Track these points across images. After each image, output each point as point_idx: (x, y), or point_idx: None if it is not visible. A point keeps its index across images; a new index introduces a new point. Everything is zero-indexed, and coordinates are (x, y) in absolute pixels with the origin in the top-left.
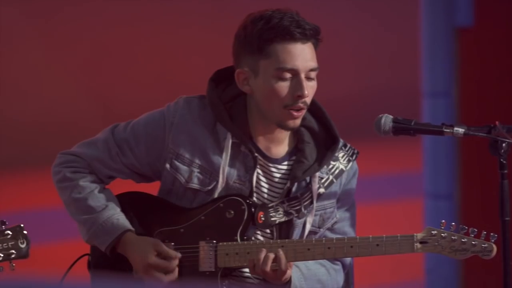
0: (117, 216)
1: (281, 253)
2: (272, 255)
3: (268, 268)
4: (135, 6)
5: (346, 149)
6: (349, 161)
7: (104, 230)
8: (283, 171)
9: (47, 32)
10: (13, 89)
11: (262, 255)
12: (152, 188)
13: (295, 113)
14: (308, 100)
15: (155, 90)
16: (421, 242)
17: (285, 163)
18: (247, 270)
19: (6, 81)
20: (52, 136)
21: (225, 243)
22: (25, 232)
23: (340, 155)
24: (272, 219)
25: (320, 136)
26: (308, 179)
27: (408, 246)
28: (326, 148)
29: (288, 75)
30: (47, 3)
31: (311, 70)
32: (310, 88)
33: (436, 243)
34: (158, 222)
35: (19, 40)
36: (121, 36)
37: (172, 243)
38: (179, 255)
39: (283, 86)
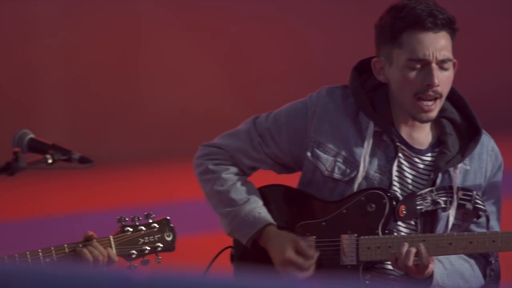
0: (259, 209)
1: (422, 247)
2: (414, 250)
3: (410, 262)
4: (275, 1)
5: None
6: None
7: (246, 223)
8: (427, 162)
9: (190, 25)
10: (157, 82)
11: (404, 249)
12: (292, 180)
13: (425, 107)
14: (441, 90)
15: (296, 82)
16: None
17: (429, 154)
18: (389, 263)
19: (150, 75)
20: (194, 128)
21: (366, 237)
22: (171, 225)
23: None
24: (418, 207)
25: (462, 127)
26: (451, 170)
27: None
28: (469, 139)
29: (418, 65)
30: None
31: (443, 60)
32: (445, 78)
33: None
34: (300, 215)
35: (163, 34)
36: (261, 29)
37: (314, 236)
38: (316, 255)
39: (414, 76)
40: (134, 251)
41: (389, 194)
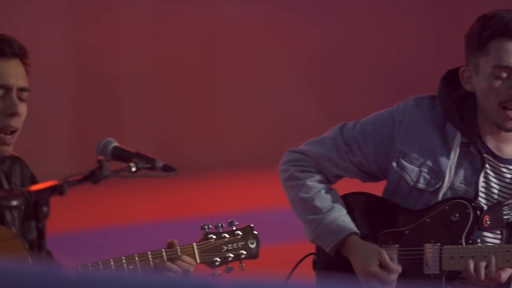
0: (343, 218)
1: (492, 259)
2: (483, 264)
3: (482, 277)
4: (357, 7)
5: None
6: None
7: (330, 231)
8: None
9: (273, 33)
10: (240, 90)
11: (471, 267)
12: (377, 188)
13: (511, 114)
14: None
15: (381, 89)
16: None
17: None
18: None
19: (233, 83)
20: (278, 135)
21: (450, 246)
22: (255, 232)
23: None
24: (505, 217)
25: None
26: None
27: None
28: None
29: (504, 74)
30: (273, 3)
31: None
32: None
33: None
34: (383, 223)
35: (246, 42)
36: (345, 35)
37: (397, 245)
38: (399, 269)
39: (499, 84)
40: (217, 258)
41: (473, 204)
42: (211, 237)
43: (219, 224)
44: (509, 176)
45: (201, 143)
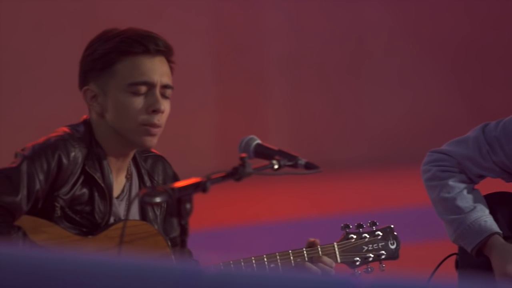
0: (485, 218)
1: None
2: None
3: None
4: (506, 1)
5: None
6: None
7: (471, 231)
8: None
9: (417, 27)
10: (381, 86)
11: None
12: None
13: None
14: None
15: None
16: None
17: None
18: None
19: (374, 78)
20: (421, 134)
21: None
22: (395, 233)
23: None
24: None
25: None
26: None
27: None
28: None
29: None
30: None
31: None
32: None
33: None
34: None
35: (389, 37)
36: (495, 32)
37: None
38: None
39: None
40: (358, 258)
41: None
42: (352, 237)
43: (360, 224)
44: None
45: (343, 141)
